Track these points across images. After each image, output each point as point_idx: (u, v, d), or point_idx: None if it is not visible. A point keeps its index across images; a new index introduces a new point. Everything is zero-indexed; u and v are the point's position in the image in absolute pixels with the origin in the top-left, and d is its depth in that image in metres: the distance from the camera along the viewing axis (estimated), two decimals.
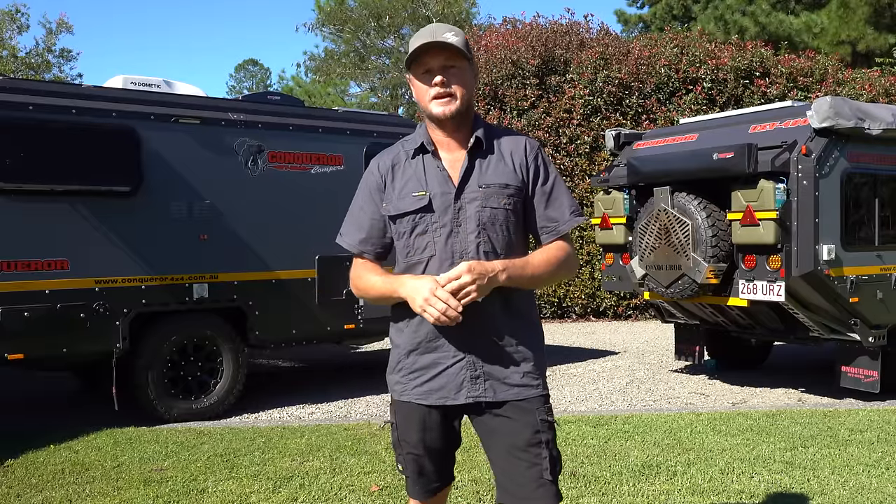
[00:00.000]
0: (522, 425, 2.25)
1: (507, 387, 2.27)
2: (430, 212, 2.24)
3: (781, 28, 20.87)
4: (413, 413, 2.32)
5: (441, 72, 2.20)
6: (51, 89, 6.11)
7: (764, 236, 6.34)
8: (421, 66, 2.22)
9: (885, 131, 6.59)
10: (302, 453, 5.26)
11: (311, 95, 32.72)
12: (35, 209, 5.73)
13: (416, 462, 2.36)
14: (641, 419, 6.19)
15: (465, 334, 2.24)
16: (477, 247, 2.23)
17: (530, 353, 2.32)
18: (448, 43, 2.18)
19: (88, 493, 4.48)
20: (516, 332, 2.30)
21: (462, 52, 2.20)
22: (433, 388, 2.29)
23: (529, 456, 2.23)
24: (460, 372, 2.27)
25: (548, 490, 2.23)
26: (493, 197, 2.24)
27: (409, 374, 2.32)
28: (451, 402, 2.28)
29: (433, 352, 2.28)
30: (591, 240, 13.22)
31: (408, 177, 2.28)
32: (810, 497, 4.30)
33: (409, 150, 2.32)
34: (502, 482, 2.29)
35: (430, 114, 2.26)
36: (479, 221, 2.23)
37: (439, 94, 2.21)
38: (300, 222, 6.81)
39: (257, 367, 9.00)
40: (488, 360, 2.26)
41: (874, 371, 6.66)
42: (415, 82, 2.26)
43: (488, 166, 2.27)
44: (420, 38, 2.21)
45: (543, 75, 14.15)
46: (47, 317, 5.70)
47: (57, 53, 23.55)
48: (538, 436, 2.25)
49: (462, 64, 2.22)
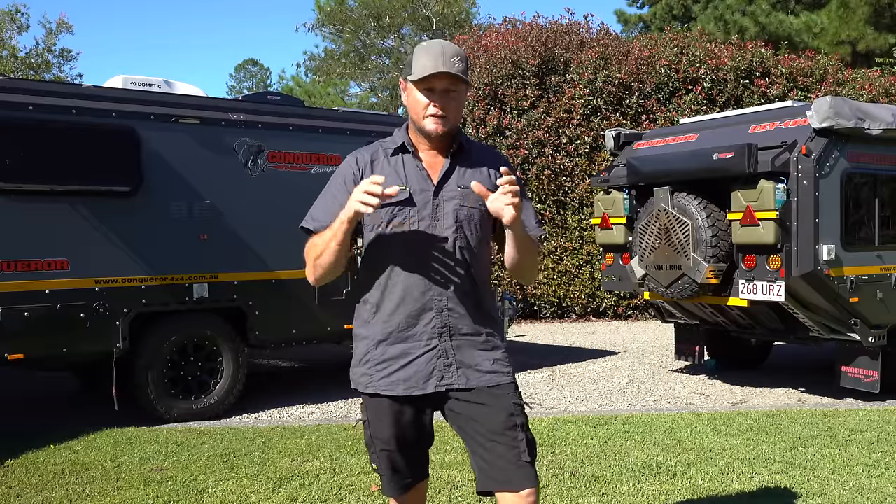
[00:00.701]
0: (497, 410, 2.35)
1: (479, 374, 2.38)
2: (410, 205, 2.35)
3: (781, 28, 20.87)
4: (383, 408, 2.39)
5: (442, 94, 2.32)
6: (51, 89, 6.11)
7: (764, 236, 6.34)
8: (424, 82, 2.31)
9: (885, 131, 6.59)
10: (302, 453, 5.26)
11: (311, 95, 32.71)
12: (35, 209, 5.72)
13: (388, 458, 2.43)
14: (641, 419, 6.19)
15: (437, 322, 2.35)
16: (454, 241, 2.36)
17: (500, 344, 2.47)
18: (457, 75, 2.29)
19: (88, 493, 4.48)
20: (484, 320, 2.43)
21: (464, 81, 2.32)
22: (400, 379, 2.37)
23: (507, 439, 2.33)
24: (430, 361, 2.36)
25: (528, 472, 2.33)
26: (471, 197, 2.36)
27: (376, 364, 2.40)
28: (418, 391, 2.37)
29: (403, 342, 2.37)
30: (591, 240, 13.21)
31: (386, 172, 2.37)
32: (810, 497, 4.30)
33: (389, 148, 2.43)
34: (483, 468, 2.37)
35: (421, 127, 2.36)
36: (457, 218, 2.36)
37: (436, 113, 2.32)
38: (300, 223, 6.79)
39: (257, 367, 9.00)
40: (461, 347, 2.38)
41: (874, 371, 6.66)
42: (413, 92, 2.35)
43: (468, 172, 2.41)
44: (430, 58, 2.29)
45: (543, 75, 14.15)
46: (47, 317, 5.70)
47: (57, 53, 23.56)
48: (513, 419, 2.35)
49: (461, 88, 2.35)
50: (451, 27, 28.13)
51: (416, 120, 2.36)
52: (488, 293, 2.47)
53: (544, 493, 4.34)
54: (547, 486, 4.46)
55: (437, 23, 28.78)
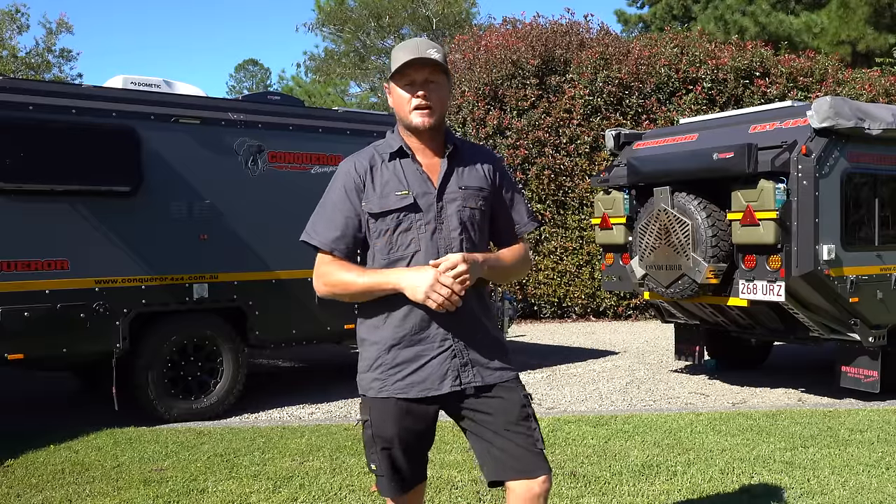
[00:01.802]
0: (512, 402, 2.43)
1: (491, 371, 2.45)
2: (416, 211, 2.38)
3: (781, 28, 20.87)
4: (389, 409, 2.40)
5: (423, 85, 2.35)
6: (51, 89, 6.11)
7: (764, 236, 6.34)
8: (404, 77, 2.35)
9: (885, 131, 6.59)
10: (302, 453, 5.27)
11: (311, 95, 32.70)
12: (35, 209, 5.72)
13: (389, 457, 2.43)
14: (641, 419, 6.19)
15: (449, 325, 2.38)
16: (460, 243, 2.40)
17: (502, 340, 2.55)
18: (432, 59, 2.32)
19: (88, 493, 4.48)
20: (489, 321, 2.50)
21: (443, 68, 2.36)
22: (415, 381, 2.39)
23: (523, 429, 2.41)
24: (444, 362, 2.39)
25: (543, 459, 2.41)
26: (471, 198, 2.43)
27: (389, 369, 2.41)
28: (433, 392, 2.39)
29: (416, 344, 2.39)
30: (591, 240, 13.21)
31: (387, 178, 2.40)
32: (810, 497, 4.30)
33: (385, 153, 2.44)
34: (498, 458, 2.41)
35: (408, 123, 2.39)
36: (461, 220, 2.41)
37: (420, 105, 2.35)
38: (300, 222, 6.67)
39: (257, 367, 9.01)
40: (472, 348, 2.43)
41: (874, 371, 6.66)
42: (396, 91, 2.38)
43: (464, 171, 2.45)
44: (406, 53, 2.33)
45: (543, 75, 14.15)
46: (47, 317, 5.70)
47: (57, 53, 23.55)
48: (525, 409, 2.44)
49: (441, 79, 2.37)
50: (451, 27, 28.13)
51: (403, 117, 2.39)
52: (486, 290, 2.55)
53: None
54: None
55: (437, 23, 28.78)
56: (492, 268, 2.40)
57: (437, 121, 2.38)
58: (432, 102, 2.35)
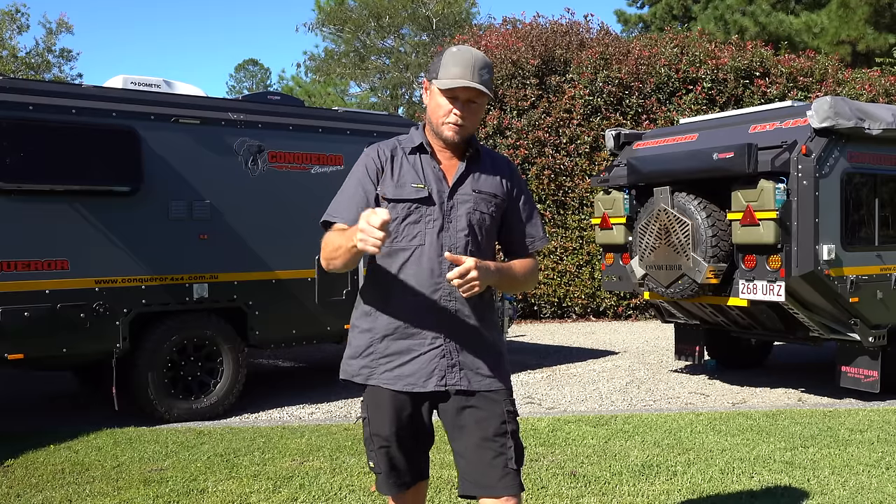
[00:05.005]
0: (491, 415, 2.39)
1: (480, 377, 2.42)
2: (429, 204, 2.39)
3: (781, 28, 20.87)
4: (384, 403, 2.41)
5: (465, 105, 2.36)
6: (51, 89, 6.11)
7: (764, 236, 6.34)
8: (449, 90, 2.35)
9: (885, 131, 6.59)
10: (302, 453, 5.27)
11: (311, 95, 32.73)
12: (35, 209, 5.72)
13: (387, 455, 2.44)
14: (641, 419, 6.19)
15: (443, 324, 2.38)
16: (466, 245, 2.40)
17: (500, 347, 2.51)
18: (483, 91, 2.33)
19: (88, 493, 4.48)
20: (488, 325, 2.47)
21: (488, 94, 2.36)
22: (402, 374, 2.39)
23: (496, 445, 2.37)
24: (433, 359, 2.39)
25: (513, 479, 2.36)
26: (484, 203, 2.44)
27: (379, 358, 2.42)
28: (418, 388, 2.39)
29: (408, 338, 2.39)
30: (591, 240, 13.22)
31: (405, 170, 2.43)
32: (810, 497, 4.30)
33: (407, 147, 2.47)
34: (468, 472, 2.40)
35: (440, 132, 2.40)
36: (470, 222, 2.41)
37: (455, 122, 2.37)
38: (300, 222, 6.80)
39: (257, 367, 9.00)
40: (464, 349, 2.41)
41: (874, 371, 6.66)
42: (435, 98, 2.39)
43: (481, 176, 2.47)
44: (459, 69, 2.32)
45: (543, 75, 14.15)
46: (47, 317, 5.70)
47: (57, 53, 23.59)
48: (504, 426, 2.39)
49: (483, 100, 2.40)
50: (451, 27, 28.14)
51: (435, 124, 2.40)
52: (492, 297, 2.52)
53: (544, 493, 4.35)
54: (547, 486, 4.46)
55: (437, 23, 28.79)
56: (502, 277, 2.39)
57: (466, 137, 2.42)
58: (467, 122, 2.37)
